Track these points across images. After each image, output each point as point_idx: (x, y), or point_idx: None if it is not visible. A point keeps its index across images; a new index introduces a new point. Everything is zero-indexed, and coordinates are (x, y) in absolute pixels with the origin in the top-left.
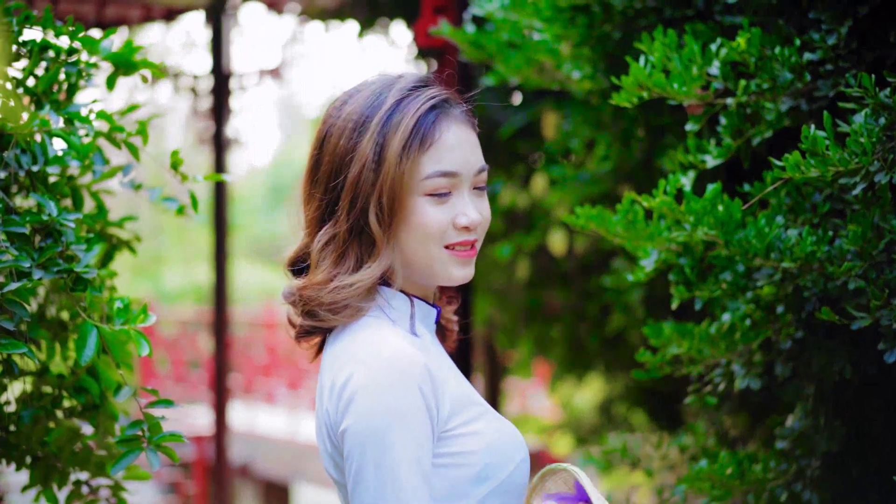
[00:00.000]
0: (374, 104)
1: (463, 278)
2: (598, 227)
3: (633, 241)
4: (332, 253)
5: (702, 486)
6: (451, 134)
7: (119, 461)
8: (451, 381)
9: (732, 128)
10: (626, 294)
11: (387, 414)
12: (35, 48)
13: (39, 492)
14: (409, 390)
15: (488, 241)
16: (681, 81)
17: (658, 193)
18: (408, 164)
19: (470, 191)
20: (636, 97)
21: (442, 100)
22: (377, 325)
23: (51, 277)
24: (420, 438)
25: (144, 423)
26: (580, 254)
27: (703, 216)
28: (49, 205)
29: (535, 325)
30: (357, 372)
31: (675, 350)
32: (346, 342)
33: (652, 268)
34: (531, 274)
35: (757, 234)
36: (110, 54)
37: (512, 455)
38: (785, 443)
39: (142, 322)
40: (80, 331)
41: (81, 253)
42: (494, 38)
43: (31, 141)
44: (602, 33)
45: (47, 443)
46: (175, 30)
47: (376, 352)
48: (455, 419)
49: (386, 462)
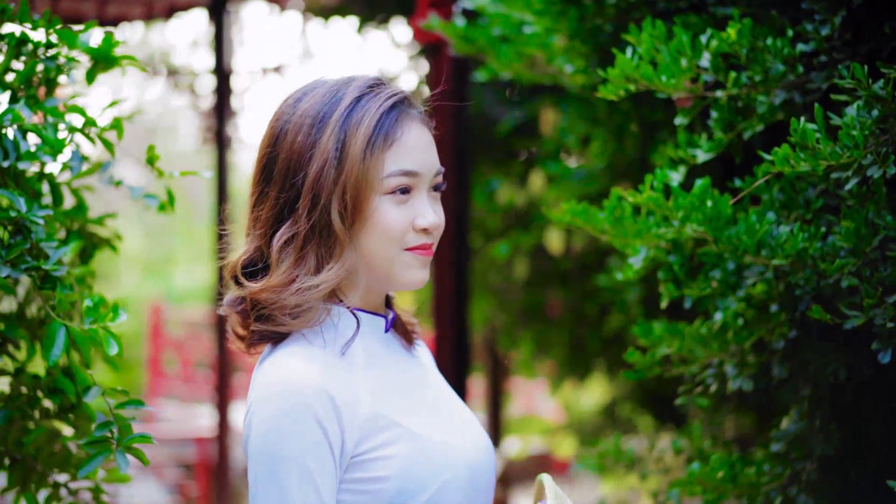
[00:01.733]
0: (332, 101)
1: (420, 282)
2: (585, 224)
3: (620, 239)
4: (292, 254)
5: (694, 490)
6: (412, 133)
7: (87, 463)
8: (366, 401)
9: (723, 122)
10: (622, 293)
11: (275, 440)
12: (12, 42)
13: (18, 494)
14: (299, 416)
15: (486, 240)
16: (669, 73)
17: (645, 189)
18: (371, 161)
19: (428, 192)
20: (623, 90)
21: (401, 99)
22: (292, 346)
23: (18, 275)
24: (314, 464)
25: (114, 425)
26: (578, 252)
27: (692, 212)
28: (18, 201)
29: (535, 326)
30: (253, 396)
31: (666, 350)
32: (265, 362)
33: (640, 265)
34: (529, 273)
35: (747, 230)
36: (89, 48)
37: (429, 479)
38: (780, 445)
39: (111, 321)
40: (48, 329)
41: (52, 250)
42: (485, 31)
43: (3, 135)
44: (594, 26)
45: (24, 444)
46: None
47: (272, 377)
48: (367, 443)
49: (276, 485)
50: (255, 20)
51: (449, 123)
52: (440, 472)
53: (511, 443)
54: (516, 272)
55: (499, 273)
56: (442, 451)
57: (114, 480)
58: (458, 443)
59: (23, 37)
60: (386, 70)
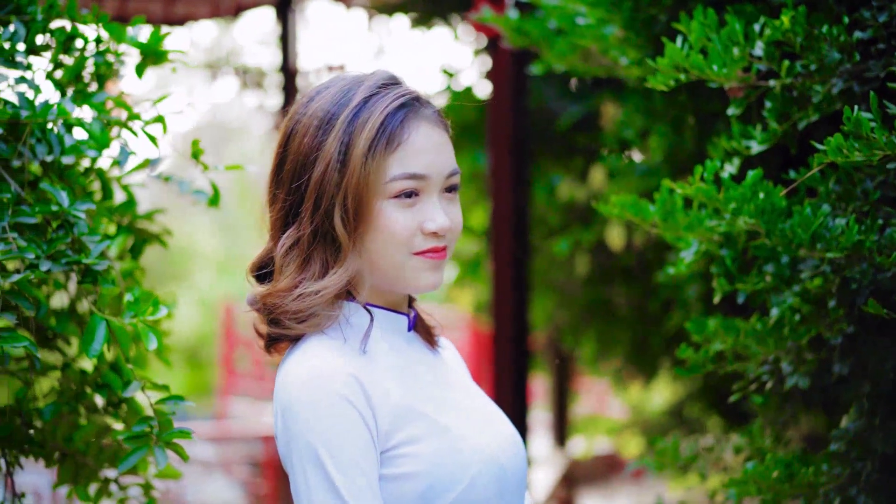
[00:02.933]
0: (341, 101)
1: (432, 285)
2: (635, 217)
3: (672, 232)
4: (297, 258)
5: (749, 489)
6: (420, 134)
7: (127, 458)
8: (396, 393)
9: (778, 112)
10: (682, 290)
11: (313, 431)
12: (61, 38)
13: (70, 490)
14: (333, 403)
15: (547, 236)
16: (720, 63)
17: (694, 180)
18: (373, 165)
19: (440, 195)
20: (673, 79)
21: (411, 98)
22: (313, 342)
23: (59, 269)
24: (354, 448)
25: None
26: (639, 248)
27: (743, 204)
28: (60, 195)
29: (598, 323)
30: (282, 395)
31: (720, 346)
32: (286, 362)
33: (692, 259)
34: (591, 270)
35: (801, 223)
36: (137, 43)
37: (459, 474)
38: (839, 444)
39: (151, 315)
40: (88, 324)
41: (94, 245)
42: (538, 24)
43: (48, 130)
44: (648, 16)
45: (73, 439)
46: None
47: (298, 372)
48: (396, 436)
49: (319, 475)
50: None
51: (508, 119)
52: (469, 467)
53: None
54: (577, 269)
55: (560, 270)
56: (471, 446)
57: (165, 476)
58: (487, 440)
59: (73, 32)
60: (449, 66)
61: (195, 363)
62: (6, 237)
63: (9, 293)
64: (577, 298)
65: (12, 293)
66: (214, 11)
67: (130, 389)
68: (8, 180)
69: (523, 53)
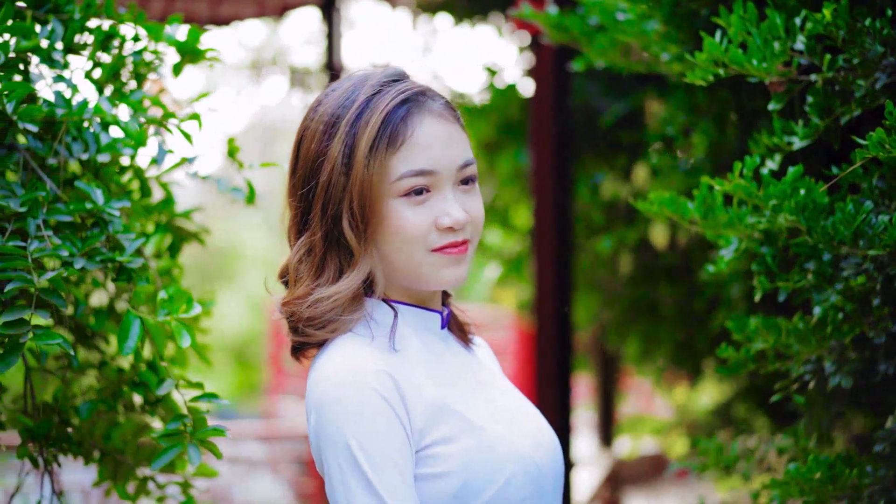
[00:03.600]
0: (345, 103)
1: (455, 280)
2: (673, 215)
3: (712, 229)
4: (311, 264)
5: (791, 490)
6: (425, 129)
7: (161, 455)
8: (430, 390)
9: (819, 107)
10: (726, 288)
11: (348, 428)
12: (99, 37)
13: (109, 487)
14: (367, 400)
15: (590, 234)
16: (760, 57)
17: (734, 176)
18: (376, 166)
19: (454, 188)
20: (711, 74)
21: (415, 93)
22: (343, 340)
23: (94, 267)
24: (389, 445)
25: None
26: (683, 246)
27: (784, 201)
28: (95, 193)
29: (642, 323)
30: (315, 392)
31: (761, 345)
32: (317, 361)
33: (731, 257)
34: (635, 269)
35: (843, 219)
36: (174, 41)
37: (493, 474)
38: (883, 445)
39: (184, 313)
40: (122, 321)
41: (128, 242)
42: (578, 20)
43: (84, 129)
44: (689, 11)
45: (112, 437)
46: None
47: (330, 369)
48: (430, 435)
49: (355, 473)
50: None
51: (550, 116)
52: (504, 467)
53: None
54: (621, 268)
55: (604, 269)
56: (505, 446)
57: (202, 475)
58: (522, 439)
59: (111, 31)
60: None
61: (244, 362)
62: (41, 235)
63: (44, 291)
64: (621, 297)
65: (47, 291)
66: (260, 11)
67: (164, 387)
68: (44, 178)
69: (565, 50)
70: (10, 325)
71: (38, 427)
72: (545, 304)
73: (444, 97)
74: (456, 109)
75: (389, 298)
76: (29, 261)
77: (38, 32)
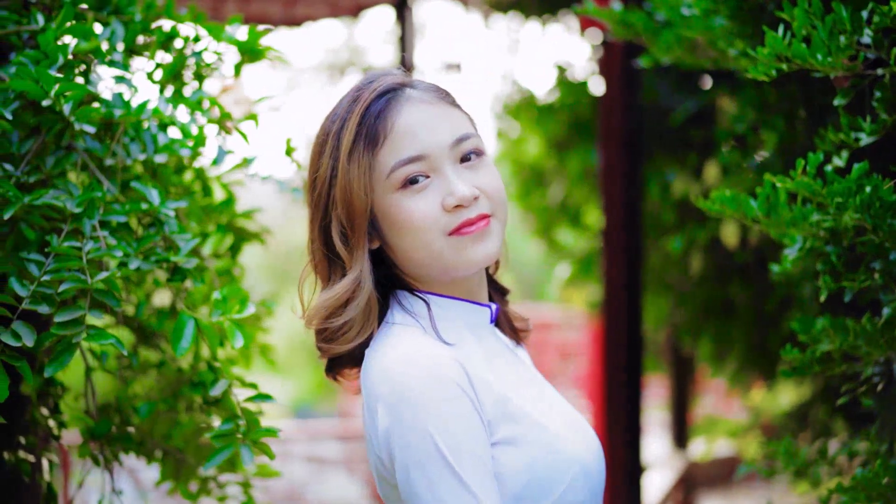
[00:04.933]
0: (332, 117)
1: (484, 257)
2: (736, 213)
3: (776, 228)
4: (320, 276)
5: (858, 496)
6: (405, 117)
7: (213, 456)
8: (495, 383)
9: (887, 102)
10: (797, 288)
11: (430, 420)
12: (160, 38)
13: (172, 486)
14: (446, 389)
15: (661, 234)
16: (824, 51)
17: (796, 173)
18: (362, 168)
19: (454, 167)
20: (774, 69)
21: (390, 87)
22: (400, 332)
23: (149, 267)
24: (473, 438)
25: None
26: (754, 245)
27: (848, 199)
28: (151, 193)
29: (715, 323)
30: (384, 386)
31: (827, 347)
32: (374, 356)
33: (796, 256)
34: (706, 268)
35: None
36: (234, 41)
37: (559, 476)
38: None
39: (237, 313)
40: (176, 321)
41: (184, 243)
42: (642, 16)
43: (142, 129)
44: (755, 5)
45: (172, 437)
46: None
47: (401, 360)
48: (499, 430)
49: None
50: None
51: (620, 114)
52: (568, 469)
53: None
54: (692, 267)
55: (675, 268)
56: (567, 446)
57: (263, 475)
58: (578, 442)
59: (172, 32)
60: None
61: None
62: (97, 236)
63: (99, 291)
64: (693, 297)
65: (102, 291)
66: (334, 11)
67: (218, 387)
68: (101, 179)
69: (634, 47)
70: (65, 326)
71: (98, 426)
72: (614, 303)
73: (428, 82)
74: (444, 91)
75: (436, 293)
76: (83, 261)
77: (98, 34)
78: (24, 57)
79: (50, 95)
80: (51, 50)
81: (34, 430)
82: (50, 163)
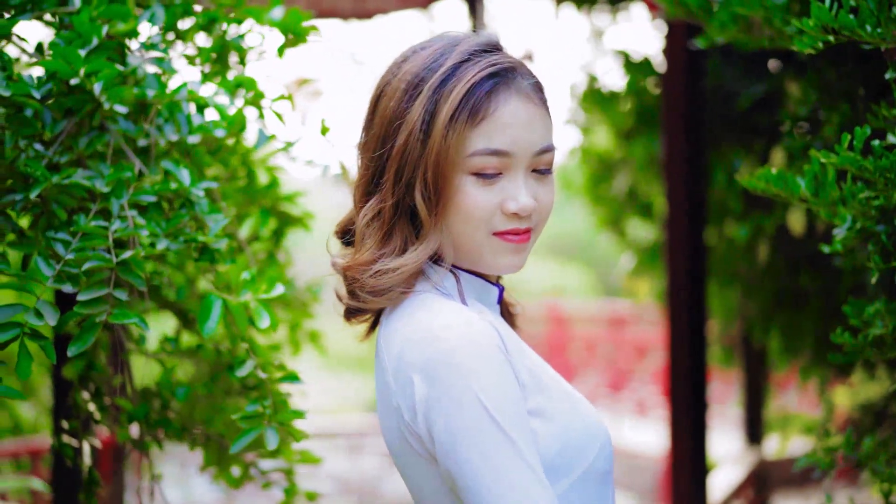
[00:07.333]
0: (431, 66)
1: (511, 267)
2: (782, 192)
3: (825, 207)
4: (378, 230)
5: None
6: (509, 108)
7: (240, 438)
8: (526, 351)
9: None
10: (862, 274)
11: (477, 383)
12: (200, 20)
13: (217, 473)
14: (492, 354)
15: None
16: (873, 22)
17: (841, 149)
18: (454, 138)
19: (526, 173)
20: (821, 41)
21: (505, 68)
22: (432, 300)
23: (177, 247)
24: (517, 404)
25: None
26: (822, 233)
27: None
28: (181, 173)
29: (784, 315)
30: (422, 352)
31: (879, 331)
32: (405, 321)
33: (844, 235)
34: (772, 257)
35: None
36: (276, 23)
37: (590, 444)
38: None
39: (265, 293)
40: (203, 302)
41: (213, 223)
42: None
43: (177, 110)
44: None
45: (213, 422)
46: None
47: (443, 325)
48: (532, 398)
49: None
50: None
51: (683, 100)
52: (597, 437)
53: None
54: (760, 256)
55: (741, 258)
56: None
57: (306, 461)
58: (594, 412)
59: (214, 14)
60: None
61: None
62: (124, 215)
63: (123, 270)
64: (761, 289)
65: (126, 271)
66: (405, 4)
67: (244, 369)
68: (132, 159)
69: (696, 30)
70: (88, 304)
71: (137, 411)
72: (677, 294)
73: (535, 77)
74: (545, 92)
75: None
76: (110, 240)
77: (137, 16)
78: (59, 38)
79: (80, 75)
80: (84, 31)
81: (77, 413)
82: (83, 143)
